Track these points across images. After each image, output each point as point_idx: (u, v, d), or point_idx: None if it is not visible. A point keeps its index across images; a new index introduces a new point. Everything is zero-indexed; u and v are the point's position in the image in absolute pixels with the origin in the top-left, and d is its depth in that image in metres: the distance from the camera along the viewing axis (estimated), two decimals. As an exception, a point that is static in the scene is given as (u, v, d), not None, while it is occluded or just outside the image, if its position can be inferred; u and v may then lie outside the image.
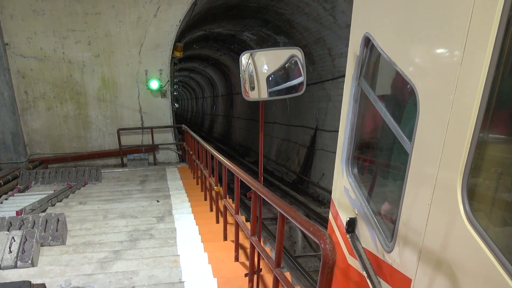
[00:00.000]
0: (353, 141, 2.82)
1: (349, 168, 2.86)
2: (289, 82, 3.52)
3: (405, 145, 2.05)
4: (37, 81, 12.31)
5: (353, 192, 2.74)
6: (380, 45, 2.30)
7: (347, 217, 2.77)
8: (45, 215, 6.24)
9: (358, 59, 2.65)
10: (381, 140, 2.84)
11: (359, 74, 2.65)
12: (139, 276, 4.71)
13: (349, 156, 2.86)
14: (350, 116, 2.79)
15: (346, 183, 2.86)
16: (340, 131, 2.98)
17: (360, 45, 2.59)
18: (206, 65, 32.62)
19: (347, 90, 2.84)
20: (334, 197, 3.18)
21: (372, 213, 2.51)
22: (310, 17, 14.60)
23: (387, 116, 2.29)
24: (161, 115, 13.46)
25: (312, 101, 17.22)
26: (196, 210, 7.71)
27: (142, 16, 12.36)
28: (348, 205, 2.83)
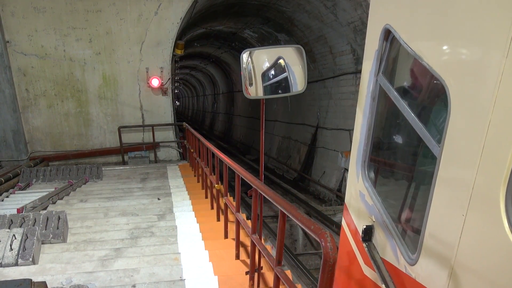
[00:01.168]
0: (370, 142, 2.61)
1: (365, 172, 2.66)
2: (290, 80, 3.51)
3: (433, 148, 1.87)
4: (38, 79, 12.31)
5: (370, 198, 2.54)
6: (404, 38, 2.11)
7: (363, 224, 2.57)
8: (46, 212, 6.24)
9: (376, 53, 2.45)
10: (402, 142, 2.63)
11: (378, 69, 2.45)
12: (140, 274, 4.71)
13: (366, 158, 2.65)
14: (367, 115, 2.58)
15: (362, 187, 2.66)
16: (355, 131, 2.81)
17: (379, 38, 2.39)
18: (207, 63, 32.60)
19: (363, 87, 2.66)
20: (347, 202, 2.98)
21: (392, 221, 2.32)
22: (311, 15, 14.58)
23: (410, 116, 2.10)
24: (162, 113, 13.46)
25: (313, 99, 17.21)
26: (197, 208, 7.72)
27: (143, 14, 12.35)
28: (364, 211, 2.64)
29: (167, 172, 11.45)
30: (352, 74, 14.09)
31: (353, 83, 14.10)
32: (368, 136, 2.59)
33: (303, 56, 3.47)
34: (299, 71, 3.49)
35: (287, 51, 3.56)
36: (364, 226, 2.53)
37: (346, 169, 13.68)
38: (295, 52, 3.50)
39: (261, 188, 3.59)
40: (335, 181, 14.60)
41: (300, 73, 3.49)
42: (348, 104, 14.50)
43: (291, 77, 3.51)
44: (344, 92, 14.77)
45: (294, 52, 3.50)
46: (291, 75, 3.51)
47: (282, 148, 21.09)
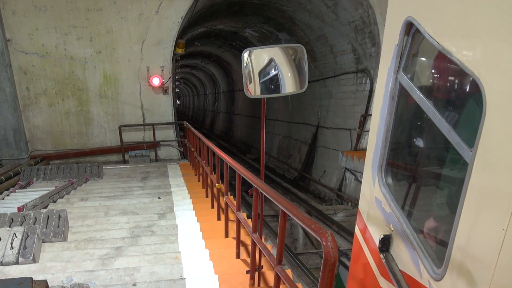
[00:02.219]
0: (388, 145, 2.42)
1: (383, 177, 2.46)
2: (291, 79, 3.51)
3: (463, 152, 1.69)
4: (38, 78, 12.31)
5: (388, 205, 2.35)
6: (430, 31, 1.91)
7: (381, 233, 2.39)
8: (46, 211, 6.25)
9: (396, 49, 2.26)
10: (426, 145, 2.43)
11: (398, 66, 2.26)
12: (140, 272, 4.71)
13: (383, 162, 2.45)
14: (385, 116, 2.38)
15: (379, 193, 2.47)
16: (371, 133, 2.61)
17: (400, 32, 2.20)
18: (207, 62, 32.60)
19: (381, 85, 2.49)
20: (362, 208, 2.80)
21: (414, 231, 2.13)
22: (312, 14, 14.58)
23: (437, 117, 1.89)
24: (162, 112, 13.46)
25: (313, 98, 17.21)
26: (197, 207, 7.71)
27: (144, 13, 12.35)
28: (381, 219, 2.46)
29: (168, 171, 11.46)
30: (353, 74, 14.09)
31: (354, 82, 14.10)
32: (386, 138, 2.41)
33: (304, 55, 3.47)
34: (300, 71, 3.49)
35: (288, 50, 3.56)
36: (382, 236, 2.36)
37: (346, 169, 13.68)
38: (296, 51, 3.50)
39: (262, 187, 3.58)
40: (336, 180, 14.60)
41: (301, 72, 3.49)
42: (349, 104, 14.49)
43: (292, 76, 3.51)
44: (345, 92, 14.77)
45: (295, 51, 3.50)
46: (292, 74, 3.50)
47: (282, 147, 21.10)
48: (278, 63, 3.48)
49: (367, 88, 13.28)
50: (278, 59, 3.48)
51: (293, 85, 3.51)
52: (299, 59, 3.47)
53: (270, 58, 3.46)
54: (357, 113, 13.78)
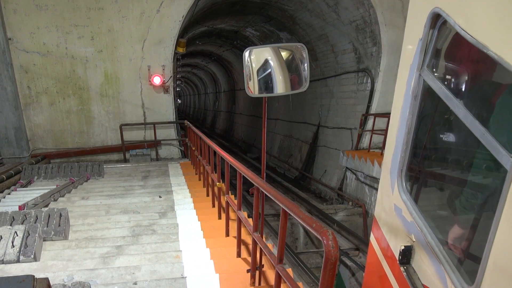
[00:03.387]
0: (409, 148, 2.23)
1: (403, 183, 2.29)
2: (292, 78, 3.51)
3: (501, 157, 1.53)
4: (40, 76, 12.31)
5: (409, 213, 2.17)
6: (461, 23, 1.73)
7: (401, 244, 2.21)
8: (47, 210, 6.25)
9: (420, 43, 2.08)
10: (454, 148, 2.24)
11: (422, 63, 2.09)
12: (141, 271, 4.72)
13: (403, 167, 2.28)
14: (407, 117, 2.20)
15: (398, 200, 2.30)
16: (390, 135, 2.45)
17: (425, 25, 2.02)
18: (208, 61, 32.60)
19: (401, 83, 2.31)
20: (378, 216, 2.63)
21: (439, 243, 1.95)
22: (313, 14, 14.57)
23: (469, 118, 1.71)
24: (163, 111, 13.46)
25: (314, 97, 17.22)
26: (198, 206, 7.72)
27: (145, 12, 12.34)
28: (401, 229, 2.28)
29: (169, 170, 11.46)
30: (354, 73, 14.09)
31: (355, 82, 14.10)
32: (407, 140, 2.22)
33: (306, 55, 3.47)
34: (301, 70, 3.49)
35: (289, 50, 3.56)
36: (402, 247, 2.18)
37: (347, 168, 13.69)
38: (297, 50, 3.50)
39: (263, 186, 3.59)
40: (337, 179, 14.61)
41: (303, 72, 3.49)
42: (350, 103, 14.50)
43: (293, 75, 3.51)
44: (346, 91, 14.77)
45: (297, 50, 3.50)
46: (293, 73, 3.51)
47: (283, 146, 21.10)
48: (280, 62, 3.48)
49: (368, 87, 13.28)
50: (280, 58, 3.48)
51: (294, 84, 3.51)
52: (300, 58, 3.47)
53: (272, 57, 3.46)
54: (358, 113, 13.79)
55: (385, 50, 12.46)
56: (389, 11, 12.01)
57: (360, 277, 9.59)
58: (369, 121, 13.15)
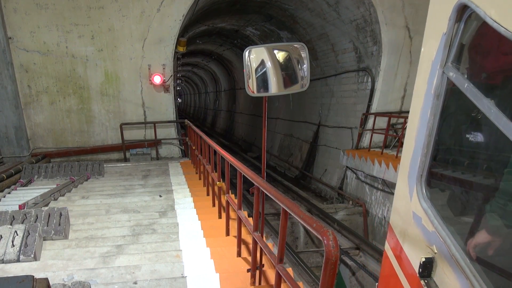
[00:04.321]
0: (430, 152, 2.06)
1: (423, 189, 2.11)
2: (293, 77, 3.51)
3: None
4: (40, 75, 12.31)
5: (430, 222, 2.01)
6: (492, 15, 1.57)
7: (421, 256, 2.05)
8: (47, 209, 6.25)
9: (444, 37, 1.91)
10: (483, 152, 2.08)
11: (446, 58, 1.92)
12: (141, 270, 4.72)
13: (423, 171, 2.11)
14: (427, 117, 2.03)
15: (418, 208, 2.13)
16: (408, 137, 2.27)
17: (449, 17, 1.86)
18: (209, 60, 32.60)
19: (421, 82, 2.13)
20: (394, 224, 2.45)
21: (466, 256, 1.81)
22: (313, 13, 14.56)
23: (502, 120, 1.56)
24: (164, 110, 13.46)
25: (315, 96, 17.22)
26: (198, 205, 7.72)
27: (145, 11, 12.33)
28: (420, 239, 2.11)
29: (169, 169, 11.46)
30: (354, 72, 14.09)
31: (355, 81, 14.10)
32: (428, 143, 2.05)
33: (306, 54, 3.46)
34: (301, 69, 3.48)
35: (289, 49, 3.55)
36: (423, 259, 2.02)
37: (348, 167, 13.68)
38: (297, 49, 3.49)
39: (263, 185, 3.58)
40: (337, 179, 14.61)
41: (303, 71, 3.48)
42: (350, 102, 14.50)
43: (294, 74, 3.50)
44: (346, 90, 14.77)
45: (297, 49, 3.49)
46: (293, 72, 3.50)
47: (283, 145, 21.10)
48: (280, 61, 3.48)
49: (369, 86, 13.27)
50: (280, 57, 3.48)
51: (295, 83, 3.51)
52: (300, 57, 3.47)
53: (272, 56, 3.45)
54: (358, 112, 13.79)
55: (385, 49, 12.46)
56: (390, 10, 12.00)
57: (361, 277, 9.60)
58: (369, 120, 13.15)
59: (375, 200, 12.18)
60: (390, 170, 10.77)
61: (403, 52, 12.60)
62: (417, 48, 12.58)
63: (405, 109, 13.30)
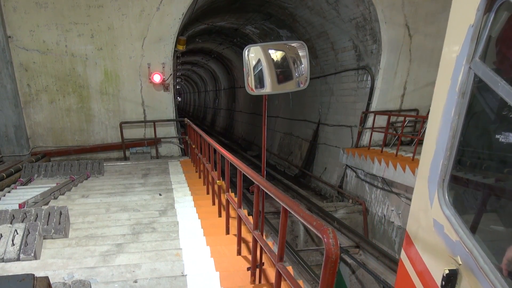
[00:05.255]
0: (454, 154, 1.91)
1: (445, 194, 1.96)
2: (292, 76, 3.51)
3: None
4: (39, 74, 12.30)
5: (453, 231, 1.86)
6: None
7: (444, 268, 1.88)
8: (47, 208, 6.25)
9: (471, 30, 1.76)
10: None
11: (473, 53, 1.78)
12: (141, 269, 4.72)
13: (446, 176, 1.95)
14: (451, 117, 1.88)
15: (439, 215, 1.97)
16: (428, 138, 2.10)
17: (478, 8, 1.72)
18: (208, 59, 32.58)
19: (444, 78, 1.96)
20: (411, 231, 2.27)
21: (496, 269, 1.65)
22: (313, 11, 14.55)
23: None
24: (163, 109, 13.46)
25: (314, 95, 17.21)
26: (198, 204, 7.72)
27: (145, 9, 12.32)
28: (442, 248, 1.94)
29: (169, 168, 11.46)
30: (354, 71, 14.08)
31: (355, 79, 14.10)
32: (452, 145, 1.90)
33: (306, 52, 3.46)
34: (301, 67, 3.48)
35: (289, 47, 3.55)
36: (447, 271, 1.86)
37: (347, 166, 13.69)
38: (297, 48, 3.49)
39: (263, 184, 3.58)
40: (337, 177, 14.61)
41: (303, 69, 3.48)
42: (350, 101, 14.50)
43: (294, 73, 3.50)
44: (346, 89, 14.77)
45: (297, 48, 3.49)
46: (293, 71, 3.50)
47: (283, 144, 21.10)
48: (280, 60, 3.48)
49: (368, 85, 13.27)
50: (280, 56, 3.48)
51: (295, 82, 3.51)
52: (300, 56, 3.47)
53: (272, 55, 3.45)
54: (358, 110, 13.78)
55: (385, 48, 12.45)
56: (389, 9, 11.99)
57: (360, 275, 9.61)
58: (369, 119, 13.15)
59: (375, 198, 12.19)
60: (390, 169, 10.78)
61: (402, 50, 12.59)
62: (416, 46, 12.58)
63: (404, 108, 13.31)
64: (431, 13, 12.09)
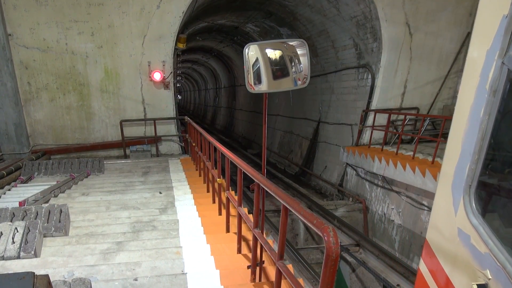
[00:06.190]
0: (482, 158, 1.73)
1: (472, 202, 1.78)
2: (293, 74, 3.50)
3: None
4: (40, 72, 12.29)
5: (482, 242, 1.69)
6: None
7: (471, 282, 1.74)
8: (48, 206, 6.25)
9: (505, 21, 1.57)
10: None
11: (507, 46, 1.59)
12: (141, 267, 4.72)
13: (473, 181, 1.77)
14: (480, 117, 1.70)
15: (465, 224, 1.80)
16: (453, 140, 1.92)
17: None
18: (209, 57, 32.57)
19: (472, 75, 1.78)
20: (432, 240, 2.09)
21: None
22: (313, 9, 14.53)
23: None
24: (164, 107, 13.45)
25: (315, 93, 17.20)
26: (198, 202, 7.72)
27: (145, 7, 12.30)
28: (468, 261, 1.77)
29: (169, 166, 11.46)
30: (354, 69, 14.07)
31: (355, 77, 14.08)
32: (481, 148, 1.72)
33: (306, 50, 3.46)
34: (302, 66, 3.48)
35: (290, 45, 3.54)
36: (475, 286, 1.71)
37: (348, 164, 13.68)
38: (298, 46, 3.48)
39: (263, 182, 3.58)
40: (337, 175, 14.61)
41: (303, 68, 3.48)
42: (350, 99, 14.49)
43: (294, 71, 3.49)
44: (346, 87, 14.76)
45: (297, 46, 3.49)
46: (294, 69, 3.49)
47: (284, 142, 21.09)
48: (281, 58, 3.47)
49: (369, 83, 13.26)
50: (280, 54, 3.47)
51: (295, 80, 3.50)
52: (301, 54, 3.46)
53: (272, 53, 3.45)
54: (358, 108, 13.78)
55: (385, 46, 12.44)
56: (390, 7, 11.97)
57: (361, 273, 9.61)
58: (369, 117, 13.14)
59: (375, 196, 12.19)
60: (390, 167, 10.78)
61: (403, 48, 12.58)
62: (417, 44, 12.57)
63: (405, 106, 13.30)
64: (432, 11, 12.07)
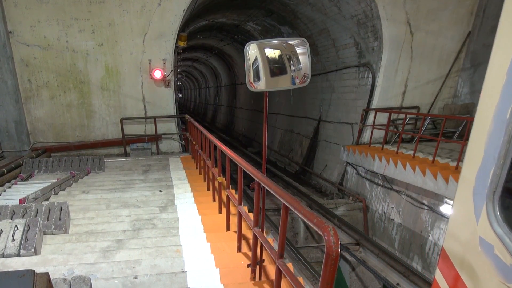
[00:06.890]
0: (508, 162, 1.59)
1: (496, 210, 1.65)
2: (294, 72, 3.50)
3: None
4: (40, 70, 12.29)
5: (507, 253, 1.56)
6: None
7: None
8: (48, 203, 6.25)
9: None
10: None
11: None
12: (141, 265, 4.72)
13: (497, 188, 1.64)
14: (507, 119, 1.56)
15: (488, 234, 1.67)
16: (474, 142, 1.78)
17: None
18: (209, 55, 32.54)
19: (497, 73, 1.63)
20: (449, 250, 1.95)
21: None
22: (314, 8, 14.52)
23: None
24: (164, 105, 13.45)
25: (315, 92, 17.20)
26: (199, 200, 7.72)
27: (146, 5, 12.29)
28: (492, 272, 1.65)
29: (169, 164, 11.46)
30: (355, 68, 14.06)
31: (356, 76, 14.08)
32: (507, 152, 1.59)
33: (307, 49, 3.45)
34: (302, 64, 3.47)
35: (289, 44, 3.54)
36: None
37: (348, 163, 13.68)
38: (299, 45, 3.48)
39: (263, 181, 3.58)
40: (337, 174, 14.61)
41: (304, 66, 3.48)
42: (351, 98, 14.48)
43: (295, 69, 3.49)
44: (347, 86, 14.75)
45: (298, 45, 3.48)
46: (294, 68, 3.49)
47: (284, 141, 21.09)
48: (281, 56, 3.47)
49: (369, 82, 13.26)
50: (281, 52, 3.47)
51: (296, 78, 3.50)
52: (302, 53, 3.46)
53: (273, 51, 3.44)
54: (359, 107, 13.78)
55: (386, 45, 12.43)
56: (391, 6, 11.96)
57: (360, 272, 9.61)
58: (370, 116, 13.14)
59: (375, 195, 12.19)
60: (391, 166, 10.77)
61: (404, 47, 12.57)
62: (418, 43, 12.57)
63: (405, 105, 13.30)
64: (433, 10, 12.07)
